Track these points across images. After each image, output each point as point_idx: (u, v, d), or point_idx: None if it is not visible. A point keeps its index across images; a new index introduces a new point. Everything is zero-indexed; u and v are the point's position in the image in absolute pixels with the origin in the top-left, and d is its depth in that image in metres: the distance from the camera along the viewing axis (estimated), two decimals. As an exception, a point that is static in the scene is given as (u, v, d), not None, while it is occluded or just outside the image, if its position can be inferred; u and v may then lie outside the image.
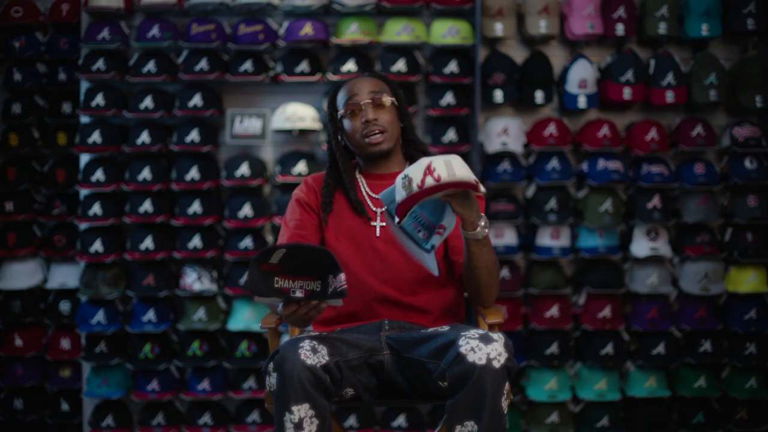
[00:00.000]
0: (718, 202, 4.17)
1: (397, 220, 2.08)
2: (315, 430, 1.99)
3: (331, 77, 4.08)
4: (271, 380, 2.05)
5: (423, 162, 2.05)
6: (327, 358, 2.04)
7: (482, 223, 2.15)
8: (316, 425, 1.99)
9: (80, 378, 4.20)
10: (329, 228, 2.39)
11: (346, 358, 2.16)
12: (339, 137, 2.43)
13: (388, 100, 2.37)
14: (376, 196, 2.37)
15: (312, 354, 2.02)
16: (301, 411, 1.99)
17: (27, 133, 4.27)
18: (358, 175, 2.44)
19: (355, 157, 2.46)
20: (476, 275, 2.23)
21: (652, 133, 4.12)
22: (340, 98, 2.41)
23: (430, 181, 2.01)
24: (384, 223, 2.35)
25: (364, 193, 2.41)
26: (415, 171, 2.04)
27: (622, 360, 4.11)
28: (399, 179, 2.08)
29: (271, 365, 2.05)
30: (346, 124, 2.38)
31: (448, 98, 4.11)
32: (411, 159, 2.45)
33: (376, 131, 2.34)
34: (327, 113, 2.45)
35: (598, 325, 4.09)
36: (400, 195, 2.06)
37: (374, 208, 2.39)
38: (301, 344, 2.04)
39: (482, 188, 2.07)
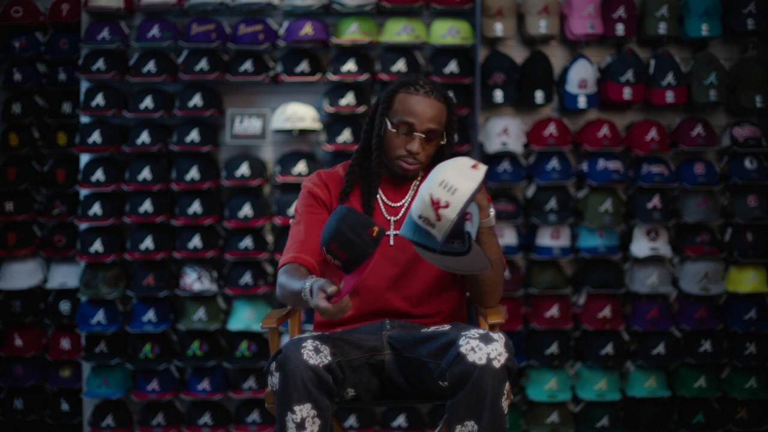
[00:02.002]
0: (718, 202, 4.17)
1: (439, 247, 2.11)
2: (317, 430, 1.99)
3: (331, 77, 4.08)
4: (274, 380, 2.04)
5: (425, 195, 2.07)
6: (329, 358, 2.04)
7: (492, 210, 2.21)
8: (318, 425, 1.99)
9: (80, 378, 4.20)
10: None
11: (348, 358, 2.15)
12: (380, 135, 2.34)
13: (438, 141, 2.32)
14: (392, 204, 2.36)
15: (315, 354, 2.02)
16: (303, 411, 1.99)
17: (27, 133, 4.27)
18: None
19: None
20: (481, 280, 2.24)
21: (652, 133, 4.12)
22: (399, 107, 2.30)
23: (446, 213, 2.05)
24: (397, 232, 2.31)
25: (380, 199, 2.37)
26: (425, 209, 2.07)
27: (622, 360, 4.11)
28: (417, 220, 2.09)
29: (273, 365, 2.05)
30: (391, 135, 2.30)
31: (448, 98, 4.10)
32: (426, 174, 2.39)
33: (413, 162, 2.30)
34: (380, 106, 2.34)
35: (598, 325, 4.09)
36: (435, 234, 2.08)
37: (388, 217, 2.35)
38: (303, 344, 2.04)
39: (482, 171, 2.08)
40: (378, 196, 2.37)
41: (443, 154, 2.35)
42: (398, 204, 2.37)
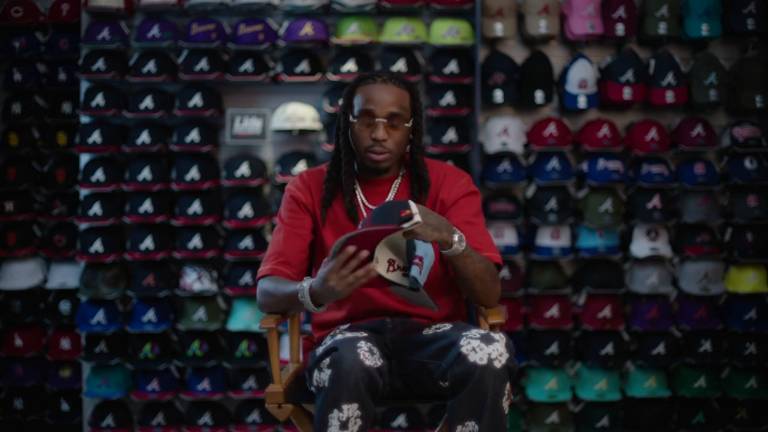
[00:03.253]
0: (718, 202, 4.17)
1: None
2: (357, 431, 1.99)
3: (331, 77, 4.08)
4: (322, 376, 2.02)
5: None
6: (381, 360, 2.05)
7: (456, 238, 2.13)
8: (358, 426, 1.99)
9: (80, 378, 4.20)
10: (327, 228, 2.35)
11: None
12: (347, 133, 2.34)
13: (404, 124, 2.28)
14: (372, 207, 2.33)
15: (370, 355, 2.02)
16: (350, 410, 1.98)
17: (27, 133, 4.26)
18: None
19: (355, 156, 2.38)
20: (469, 285, 2.22)
21: (652, 133, 4.12)
22: (359, 99, 2.28)
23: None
24: None
25: (360, 201, 2.35)
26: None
27: (622, 360, 4.11)
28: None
29: (326, 361, 2.03)
30: (356, 128, 2.28)
31: (448, 98, 4.11)
32: (408, 172, 2.38)
33: (380, 151, 2.26)
34: (342, 104, 2.33)
35: (598, 325, 4.09)
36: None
37: None
38: (358, 344, 2.03)
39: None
40: (359, 199, 2.35)
41: (415, 145, 2.33)
42: None
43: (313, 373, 2.07)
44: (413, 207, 2.06)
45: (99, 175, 4.11)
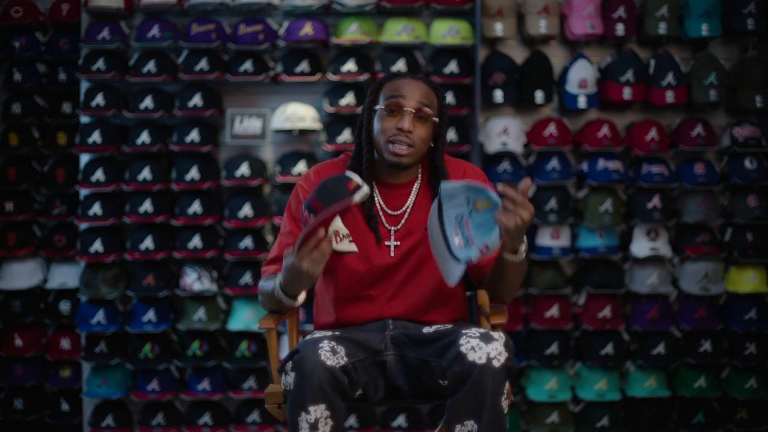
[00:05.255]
0: (718, 202, 4.17)
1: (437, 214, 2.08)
2: (329, 431, 1.99)
3: (331, 77, 4.08)
4: (288, 379, 2.03)
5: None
6: (345, 359, 2.03)
7: (522, 248, 2.12)
8: (330, 426, 1.99)
9: (80, 378, 4.20)
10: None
11: (358, 359, 2.14)
12: (370, 130, 2.27)
13: (431, 119, 2.24)
14: (391, 212, 2.29)
15: (332, 355, 2.01)
16: (317, 411, 1.98)
17: (27, 133, 4.27)
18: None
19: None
20: (501, 287, 2.23)
21: (652, 133, 4.12)
22: (386, 92, 2.24)
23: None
24: (398, 243, 2.27)
25: (378, 206, 2.29)
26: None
27: (622, 360, 4.11)
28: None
29: (289, 364, 2.04)
30: (378, 119, 2.23)
31: (448, 98, 4.11)
32: (428, 176, 2.32)
33: (405, 143, 2.20)
34: (366, 100, 2.28)
35: (598, 325, 4.09)
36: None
37: (388, 227, 2.28)
38: (320, 344, 2.03)
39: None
40: (378, 204, 2.30)
41: (438, 150, 2.29)
42: (399, 212, 2.30)
43: (281, 377, 2.08)
44: (356, 177, 2.01)
45: (99, 175, 4.11)
